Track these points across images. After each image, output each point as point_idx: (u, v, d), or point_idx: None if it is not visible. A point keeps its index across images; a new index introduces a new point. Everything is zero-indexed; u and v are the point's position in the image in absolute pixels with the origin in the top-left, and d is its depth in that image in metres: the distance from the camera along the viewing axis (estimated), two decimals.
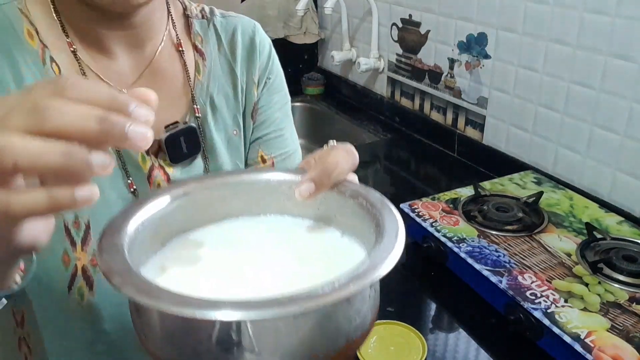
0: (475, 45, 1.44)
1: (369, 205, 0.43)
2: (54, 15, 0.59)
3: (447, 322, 0.97)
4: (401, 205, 1.14)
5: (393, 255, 0.37)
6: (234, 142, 0.71)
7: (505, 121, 1.41)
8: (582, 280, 0.91)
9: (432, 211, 1.11)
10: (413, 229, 1.12)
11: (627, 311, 0.85)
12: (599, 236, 1.02)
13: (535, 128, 1.33)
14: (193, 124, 0.66)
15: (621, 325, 0.82)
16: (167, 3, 0.68)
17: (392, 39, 1.76)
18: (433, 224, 1.07)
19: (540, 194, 1.15)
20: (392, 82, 1.81)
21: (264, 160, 0.73)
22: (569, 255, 0.98)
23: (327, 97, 2.11)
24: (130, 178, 0.62)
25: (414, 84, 1.71)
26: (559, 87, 1.24)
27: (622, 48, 1.10)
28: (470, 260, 0.97)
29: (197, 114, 0.66)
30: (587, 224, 1.05)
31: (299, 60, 2.18)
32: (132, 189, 0.62)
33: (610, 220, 1.08)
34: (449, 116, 1.59)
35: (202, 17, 0.71)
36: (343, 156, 0.46)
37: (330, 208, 0.46)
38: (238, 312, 0.30)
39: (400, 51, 1.74)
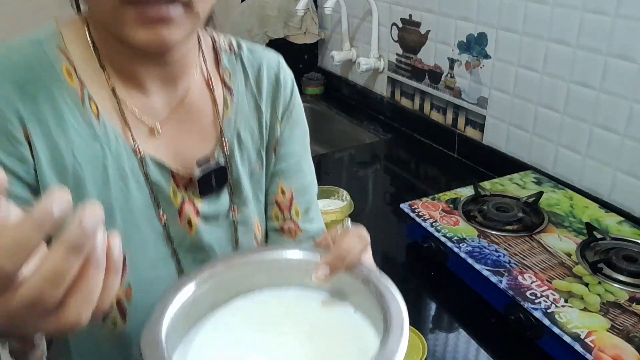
0: (475, 45, 1.44)
1: (379, 295, 0.47)
2: (93, 51, 0.60)
3: (447, 322, 0.97)
4: (401, 205, 1.14)
5: (399, 355, 0.41)
6: (256, 176, 0.73)
7: (505, 121, 1.41)
8: (582, 280, 0.91)
9: (432, 211, 1.11)
10: (413, 229, 1.12)
11: (627, 311, 0.85)
12: (599, 236, 1.02)
13: (535, 128, 1.33)
14: (222, 163, 0.68)
15: (621, 325, 0.82)
16: (199, 38, 0.69)
17: (392, 39, 1.76)
18: (433, 224, 1.07)
19: (540, 194, 1.15)
20: (392, 82, 1.82)
21: (283, 192, 0.75)
22: (569, 255, 0.98)
23: (327, 97, 2.10)
24: (162, 211, 0.64)
25: (414, 84, 1.71)
26: (559, 87, 1.24)
27: (622, 48, 1.10)
28: (470, 260, 0.97)
29: (225, 151, 0.68)
30: (587, 224, 1.05)
31: (299, 60, 2.18)
32: (163, 223, 0.64)
33: (610, 220, 1.08)
34: (449, 116, 1.59)
35: (230, 50, 0.72)
36: (355, 241, 0.50)
37: (344, 285, 0.50)
38: None
39: (400, 51, 1.74)
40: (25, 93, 0.56)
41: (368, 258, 0.54)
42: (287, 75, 0.75)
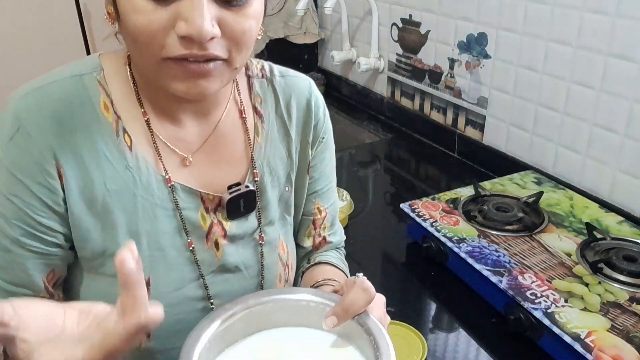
0: (475, 45, 1.44)
1: (376, 349, 0.55)
2: (131, 86, 0.64)
3: (447, 322, 0.97)
4: (401, 205, 1.14)
5: None
6: (284, 198, 0.75)
7: (505, 121, 1.41)
8: (582, 280, 0.91)
9: (432, 211, 1.11)
10: (413, 229, 1.12)
11: (627, 311, 0.85)
12: (599, 236, 1.02)
13: (535, 128, 1.33)
14: (252, 187, 0.70)
15: (621, 325, 0.82)
16: None
17: (392, 39, 1.76)
18: (433, 224, 1.07)
19: (540, 194, 1.15)
20: (392, 82, 1.82)
21: (319, 211, 0.80)
22: (569, 255, 0.98)
23: (327, 97, 2.10)
24: (189, 237, 0.67)
25: (414, 84, 1.71)
26: (559, 87, 1.24)
27: (622, 48, 1.10)
28: (470, 260, 0.97)
29: (256, 178, 0.71)
30: (587, 223, 1.05)
31: (299, 60, 2.18)
32: (190, 248, 0.67)
33: (611, 220, 1.08)
34: (449, 116, 1.59)
35: (262, 76, 0.74)
36: (359, 295, 0.56)
37: (352, 332, 0.59)
38: None
39: (401, 51, 1.74)
40: (62, 127, 0.59)
41: (377, 311, 0.59)
42: (318, 100, 0.76)
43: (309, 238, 0.80)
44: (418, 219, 1.09)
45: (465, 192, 1.19)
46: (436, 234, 1.04)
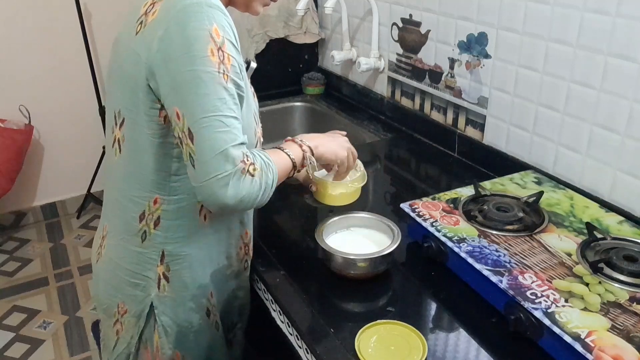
0: (475, 45, 1.44)
1: (392, 231, 1.09)
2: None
3: (447, 322, 0.96)
4: (401, 205, 1.14)
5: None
6: None
7: (506, 121, 1.41)
8: (582, 280, 0.91)
9: (432, 211, 1.11)
10: (413, 228, 1.12)
11: (628, 311, 0.85)
12: (599, 236, 1.02)
13: (536, 128, 1.33)
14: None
15: (621, 325, 0.82)
16: None
17: (393, 38, 1.76)
18: (433, 224, 1.07)
19: (541, 193, 1.15)
20: (392, 81, 1.82)
21: None
22: (569, 255, 0.98)
23: (327, 97, 2.11)
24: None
25: (414, 83, 1.71)
26: (559, 87, 1.24)
27: (622, 48, 1.09)
28: (470, 260, 0.97)
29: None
30: (587, 223, 1.05)
31: (299, 60, 2.18)
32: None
33: (611, 220, 1.08)
34: (450, 116, 1.59)
35: None
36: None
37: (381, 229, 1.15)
38: None
39: (401, 51, 1.74)
40: None
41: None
42: None
43: None
44: (418, 219, 1.09)
45: (466, 192, 1.19)
46: (436, 233, 1.04)
